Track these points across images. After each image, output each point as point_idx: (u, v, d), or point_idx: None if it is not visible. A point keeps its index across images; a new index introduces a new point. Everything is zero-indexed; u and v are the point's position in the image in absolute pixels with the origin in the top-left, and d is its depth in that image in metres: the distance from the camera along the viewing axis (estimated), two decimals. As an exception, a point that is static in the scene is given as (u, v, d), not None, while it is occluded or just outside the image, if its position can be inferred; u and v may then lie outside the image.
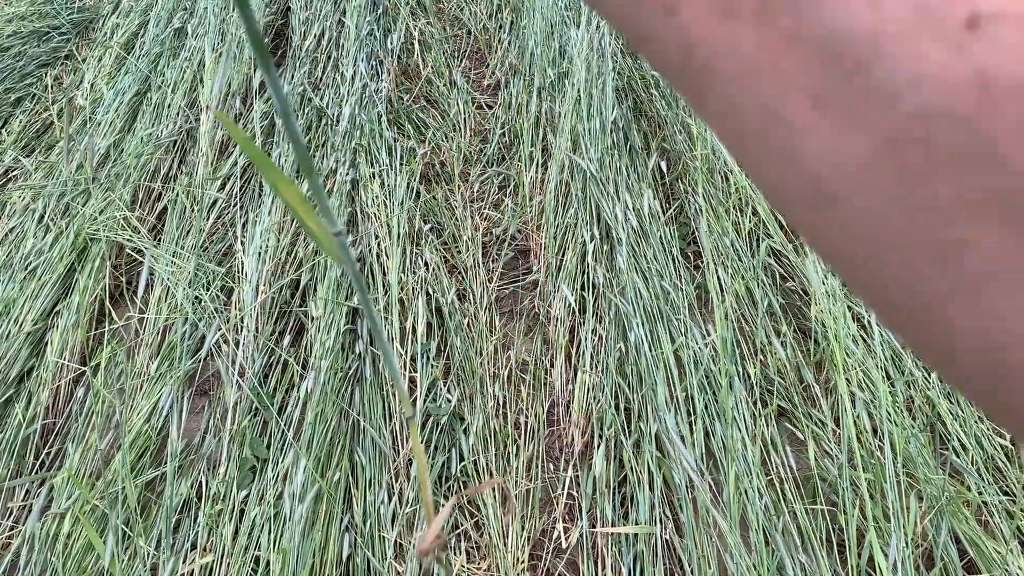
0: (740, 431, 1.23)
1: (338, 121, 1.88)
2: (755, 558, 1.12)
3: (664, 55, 0.15)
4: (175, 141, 1.85)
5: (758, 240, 1.57)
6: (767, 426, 1.29)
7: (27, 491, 1.32)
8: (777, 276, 1.55)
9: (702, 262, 1.57)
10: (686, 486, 1.22)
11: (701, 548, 1.17)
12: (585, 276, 1.57)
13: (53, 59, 2.20)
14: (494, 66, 2.17)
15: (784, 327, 1.44)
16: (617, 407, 1.38)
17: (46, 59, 2.18)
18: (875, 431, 1.23)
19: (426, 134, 1.94)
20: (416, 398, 1.41)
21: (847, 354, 1.32)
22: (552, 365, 1.49)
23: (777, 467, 1.23)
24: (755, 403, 1.33)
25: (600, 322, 1.49)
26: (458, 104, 2.03)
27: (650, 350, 1.38)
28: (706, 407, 1.30)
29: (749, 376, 1.36)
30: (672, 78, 0.16)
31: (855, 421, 1.15)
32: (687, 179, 1.70)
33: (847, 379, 1.20)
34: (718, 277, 1.41)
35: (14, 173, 1.87)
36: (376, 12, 2.23)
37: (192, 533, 1.25)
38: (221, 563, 1.22)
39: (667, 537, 1.21)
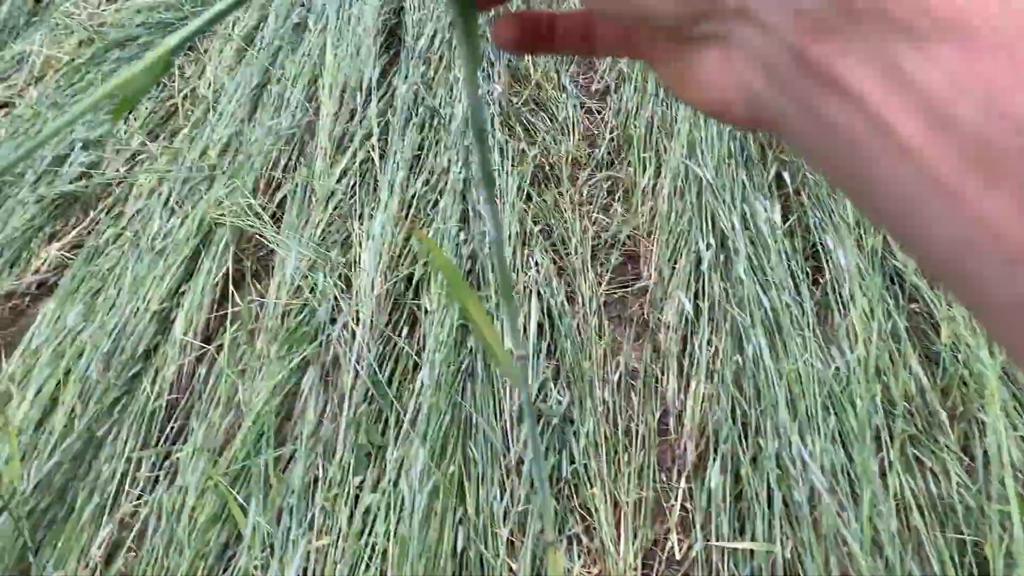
0: (871, 453, 1.20)
1: (450, 121, 1.90)
2: (886, 585, 1.08)
3: (993, 299, 0.15)
4: (294, 134, 1.90)
5: (882, 258, 1.52)
6: (895, 451, 1.24)
7: (153, 463, 1.37)
8: (899, 297, 1.50)
9: (822, 278, 1.53)
10: (809, 505, 1.19)
11: (825, 568, 1.13)
12: (699, 284, 1.55)
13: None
14: (603, 71, 2.16)
15: (910, 349, 1.39)
16: (733, 420, 1.35)
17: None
18: (1011, 463, 1.18)
19: (536, 137, 1.94)
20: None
21: (979, 381, 1.26)
22: (663, 374, 1.47)
23: (909, 492, 1.19)
24: (880, 426, 1.28)
25: (715, 333, 1.47)
26: (567, 108, 2.03)
27: (772, 363, 1.35)
28: (831, 429, 1.26)
29: (874, 398, 1.32)
30: (992, 320, 0.15)
31: (999, 452, 1.10)
32: (807, 191, 1.66)
33: (1001, 408, 1.15)
34: (852, 295, 1.38)
35: (140, 157, 1.95)
36: (487, 15, 2.25)
37: (309, 515, 1.28)
38: (336, 546, 1.24)
39: (787, 556, 1.18)
